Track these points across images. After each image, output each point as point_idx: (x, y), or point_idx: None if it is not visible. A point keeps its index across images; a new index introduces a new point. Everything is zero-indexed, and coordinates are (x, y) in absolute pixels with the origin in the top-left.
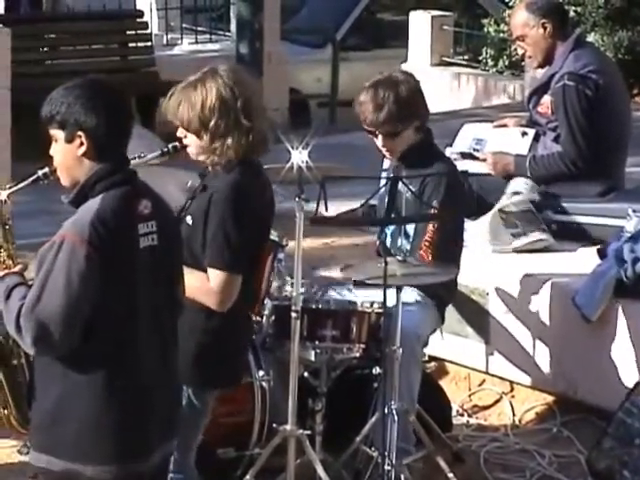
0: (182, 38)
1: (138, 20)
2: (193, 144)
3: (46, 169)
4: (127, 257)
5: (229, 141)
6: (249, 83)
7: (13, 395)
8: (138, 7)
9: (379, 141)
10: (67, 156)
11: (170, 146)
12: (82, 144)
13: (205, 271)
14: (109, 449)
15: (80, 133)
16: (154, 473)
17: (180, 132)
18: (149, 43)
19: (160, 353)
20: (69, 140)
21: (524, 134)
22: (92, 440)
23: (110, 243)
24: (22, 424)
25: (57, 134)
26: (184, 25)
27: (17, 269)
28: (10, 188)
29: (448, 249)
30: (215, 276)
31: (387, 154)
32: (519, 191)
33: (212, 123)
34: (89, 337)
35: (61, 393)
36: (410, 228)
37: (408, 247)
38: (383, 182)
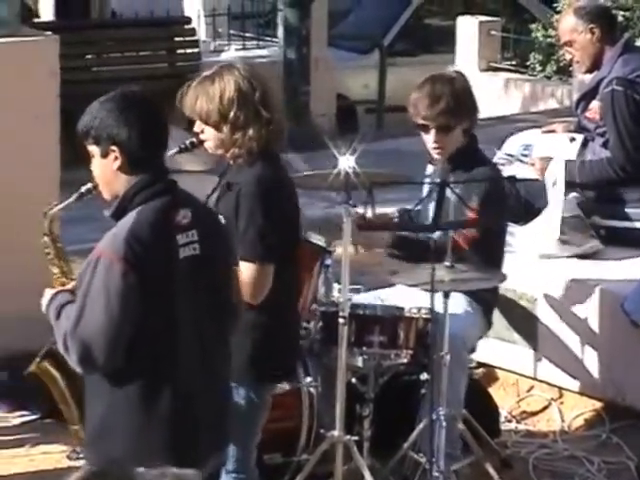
0: (229, 44)
1: (186, 26)
2: (212, 138)
3: (89, 185)
4: (165, 270)
5: (250, 132)
6: (263, 76)
7: (80, 411)
8: (186, 13)
9: (431, 136)
10: (104, 171)
11: (187, 142)
12: (117, 158)
13: None
14: (159, 460)
15: (114, 147)
16: None
17: (197, 127)
18: (197, 49)
19: (202, 361)
20: (104, 155)
21: (572, 140)
22: (138, 454)
23: (146, 258)
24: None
25: (93, 149)
26: (231, 31)
27: (70, 287)
28: (56, 206)
29: (493, 254)
30: (246, 268)
31: (437, 152)
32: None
33: (232, 114)
34: (132, 352)
35: (106, 409)
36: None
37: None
38: (431, 187)
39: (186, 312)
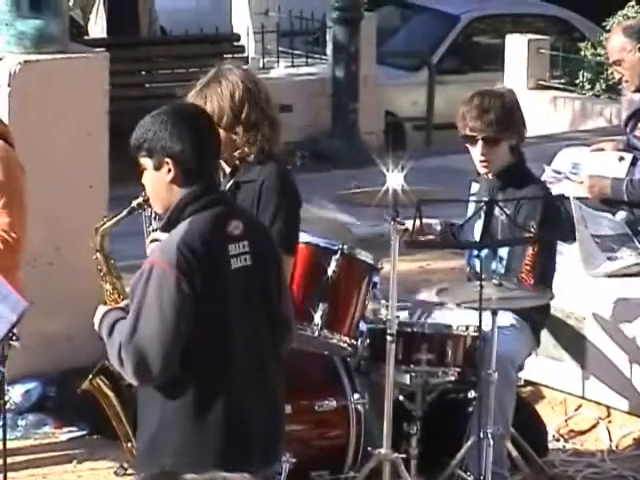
0: (278, 61)
1: (235, 43)
2: (223, 139)
3: (140, 199)
4: (217, 279)
5: (264, 130)
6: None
7: (133, 428)
8: (235, 30)
9: (478, 149)
10: (157, 184)
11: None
12: (170, 170)
13: None
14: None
15: (167, 160)
16: None
17: None
18: (245, 66)
19: (256, 373)
20: (157, 167)
21: (621, 159)
22: (194, 462)
23: (198, 267)
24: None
25: (146, 162)
26: (280, 48)
27: (122, 304)
28: (107, 222)
29: (545, 273)
30: None
31: (483, 166)
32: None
33: (244, 114)
34: (186, 362)
35: (159, 422)
36: (504, 252)
37: (502, 271)
38: (479, 205)
39: (240, 323)
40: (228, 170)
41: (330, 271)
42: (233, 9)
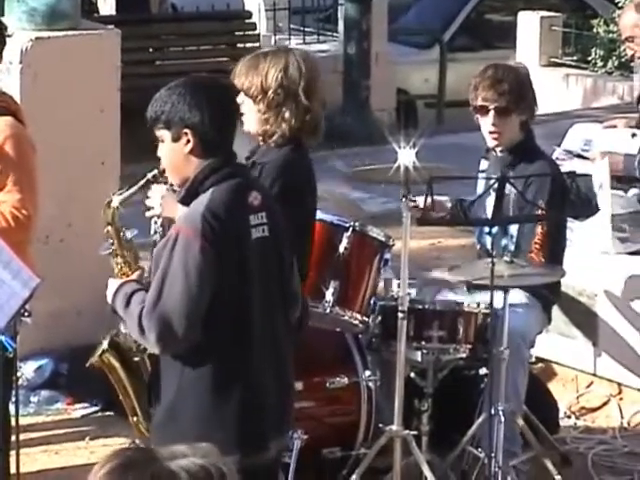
0: (290, 39)
1: (246, 21)
2: (248, 111)
3: (155, 171)
4: (240, 248)
5: (285, 114)
6: (316, 68)
7: (139, 402)
8: (246, 8)
9: (489, 119)
10: (175, 155)
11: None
12: (189, 141)
13: None
14: (229, 441)
15: (186, 131)
16: (271, 466)
17: (239, 98)
18: (257, 44)
19: (272, 345)
20: (175, 139)
21: (634, 135)
22: (210, 432)
23: (223, 235)
24: (150, 431)
25: (163, 134)
26: (292, 26)
27: (134, 276)
28: (121, 194)
29: (555, 250)
30: None
31: (493, 137)
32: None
33: (271, 91)
34: (206, 330)
35: (178, 387)
36: (514, 229)
37: (512, 248)
38: (490, 183)
39: (258, 292)
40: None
41: (342, 248)
42: None
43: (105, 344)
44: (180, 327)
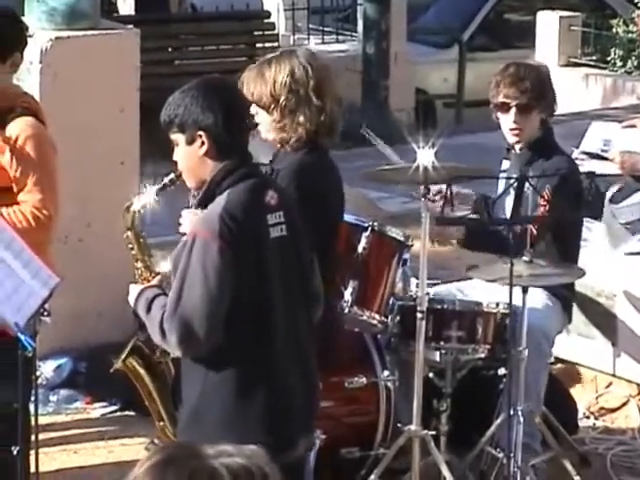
0: (309, 38)
1: (265, 21)
2: (263, 121)
3: (172, 175)
4: (258, 248)
5: (300, 118)
6: (324, 66)
7: (165, 407)
8: (265, 7)
9: (510, 116)
10: (190, 158)
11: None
12: (203, 144)
13: None
14: (255, 440)
15: (200, 133)
16: (299, 464)
17: (253, 109)
18: (276, 44)
19: (295, 346)
20: (190, 142)
21: None
22: (237, 433)
23: (240, 235)
24: (176, 435)
25: (178, 138)
26: (311, 26)
27: (155, 282)
28: (139, 199)
29: (568, 249)
30: None
31: (514, 134)
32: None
33: (282, 98)
34: (228, 332)
35: (201, 391)
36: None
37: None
38: (510, 181)
39: (280, 292)
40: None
41: (360, 248)
42: None
43: (128, 350)
44: (201, 329)
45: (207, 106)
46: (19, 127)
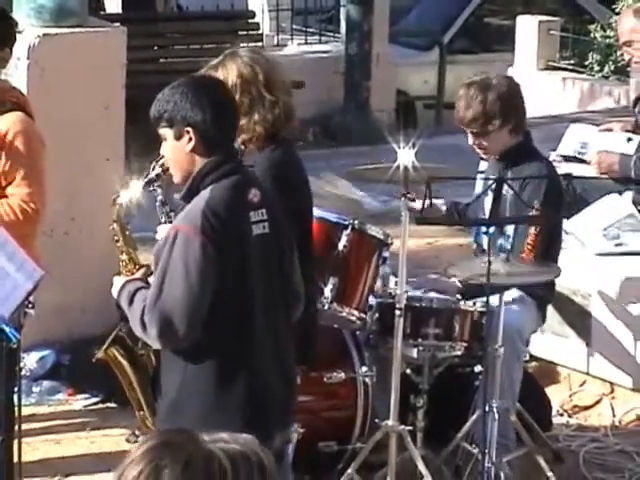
0: (292, 39)
1: (250, 21)
2: None
3: (158, 169)
4: (241, 245)
5: (255, 117)
6: (268, 59)
7: (145, 397)
8: (250, 8)
9: (469, 139)
10: (177, 153)
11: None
12: (191, 139)
13: None
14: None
15: (188, 129)
16: (275, 458)
17: None
18: (260, 43)
19: (274, 343)
20: (178, 137)
21: (629, 139)
22: (215, 425)
23: (222, 231)
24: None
25: (166, 133)
26: (294, 26)
27: (139, 275)
28: (125, 192)
29: (549, 249)
30: None
31: (481, 152)
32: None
33: (236, 100)
34: (208, 326)
35: (181, 383)
36: (510, 229)
37: (508, 247)
38: (488, 183)
39: (260, 291)
40: None
41: (341, 246)
42: None
43: (110, 340)
44: (181, 324)
45: (196, 103)
46: (8, 122)
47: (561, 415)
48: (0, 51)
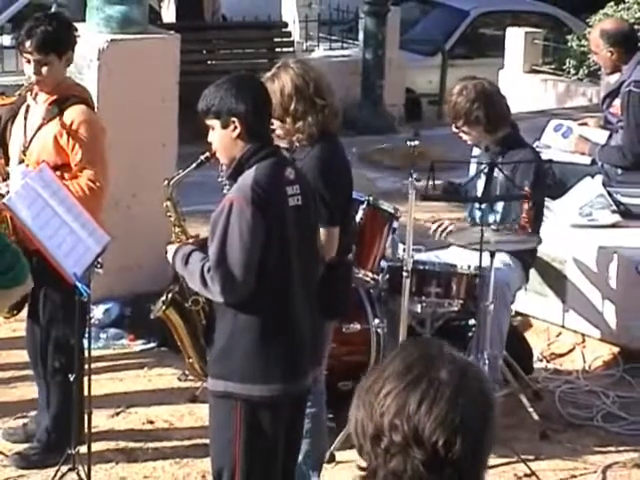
0: (318, 45)
1: (283, 30)
2: (278, 128)
3: (207, 153)
4: (281, 213)
5: (309, 120)
6: (314, 68)
7: (195, 346)
8: (284, 19)
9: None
10: (224, 140)
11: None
12: (236, 128)
13: None
14: (275, 372)
15: (233, 119)
16: (305, 393)
17: None
18: (292, 49)
19: (306, 297)
20: (224, 126)
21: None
22: (260, 365)
23: (267, 201)
24: (204, 369)
25: (213, 123)
26: (320, 34)
27: (190, 241)
28: (177, 174)
29: (537, 223)
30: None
31: (467, 140)
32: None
33: (292, 107)
34: (257, 282)
35: (231, 330)
36: (499, 206)
37: (498, 220)
38: (482, 167)
39: (295, 253)
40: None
41: (358, 218)
42: (282, 1)
43: (165, 299)
44: (240, 277)
45: (240, 97)
46: (73, 114)
47: (540, 361)
48: (66, 53)
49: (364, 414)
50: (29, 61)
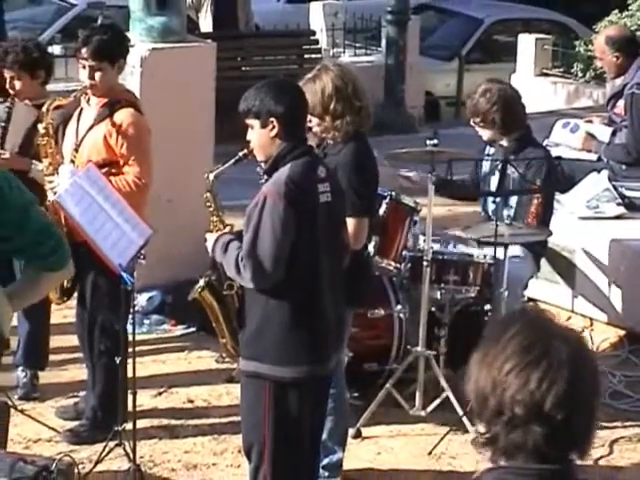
0: (344, 52)
1: (311, 37)
2: (317, 125)
3: (245, 150)
4: (312, 208)
5: (347, 119)
6: (351, 71)
7: (229, 328)
8: (312, 27)
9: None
10: (262, 138)
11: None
12: (274, 127)
13: None
14: (303, 355)
15: (272, 119)
16: (329, 375)
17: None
18: (319, 55)
19: (332, 286)
20: (263, 126)
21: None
22: (289, 349)
23: (300, 197)
24: (235, 349)
25: (253, 123)
26: (346, 42)
27: (227, 230)
28: (218, 168)
29: (546, 216)
30: (349, 223)
31: (483, 136)
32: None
33: (332, 106)
34: (288, 270)
35: (263, 315)
36: (513, 201)
37: (511, 214)
38: (495, 164)
39: (324, 245)
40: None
41: (381, 211)
42: (310, 11)
43: (202, 283)
44: (270, 267)
45: (278, 99)
46: (123, 116)
47: None
48: (119, 61)
49: (485, 387)
50: (84, 67)
